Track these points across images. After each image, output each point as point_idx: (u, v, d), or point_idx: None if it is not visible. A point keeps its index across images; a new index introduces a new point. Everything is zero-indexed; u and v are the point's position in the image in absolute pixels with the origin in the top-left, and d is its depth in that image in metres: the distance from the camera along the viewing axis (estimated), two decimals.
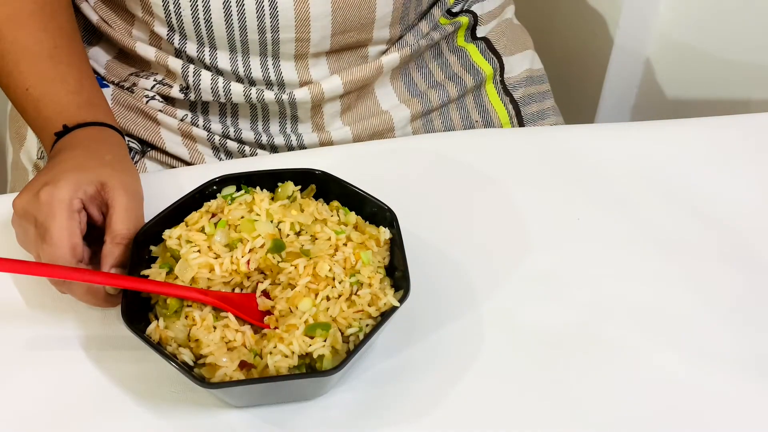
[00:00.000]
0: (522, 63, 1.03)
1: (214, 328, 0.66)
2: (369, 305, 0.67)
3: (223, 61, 0.89)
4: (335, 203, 0.74)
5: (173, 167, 0.94)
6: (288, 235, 0.70)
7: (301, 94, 0.90)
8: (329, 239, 0.70)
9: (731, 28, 1.19)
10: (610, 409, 0.68)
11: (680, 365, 0.71)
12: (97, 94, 0.83)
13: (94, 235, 0.72)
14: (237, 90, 0.90)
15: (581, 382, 0.70)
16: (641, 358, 0.71)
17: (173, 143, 0.93)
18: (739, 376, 0.70)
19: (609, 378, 0.70)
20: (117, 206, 0.71)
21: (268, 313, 0.67)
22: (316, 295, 0.66)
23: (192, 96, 0.91)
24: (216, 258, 0.68)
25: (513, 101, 1.01)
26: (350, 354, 0.64)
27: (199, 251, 0.69)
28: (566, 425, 0.67)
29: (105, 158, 0.75)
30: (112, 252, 0.70)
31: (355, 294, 0.67)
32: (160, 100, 0.93)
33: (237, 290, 0.69)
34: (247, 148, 0.94)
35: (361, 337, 0.65)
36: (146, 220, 0.72)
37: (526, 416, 0.67)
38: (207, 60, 0.89)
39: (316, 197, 0.75)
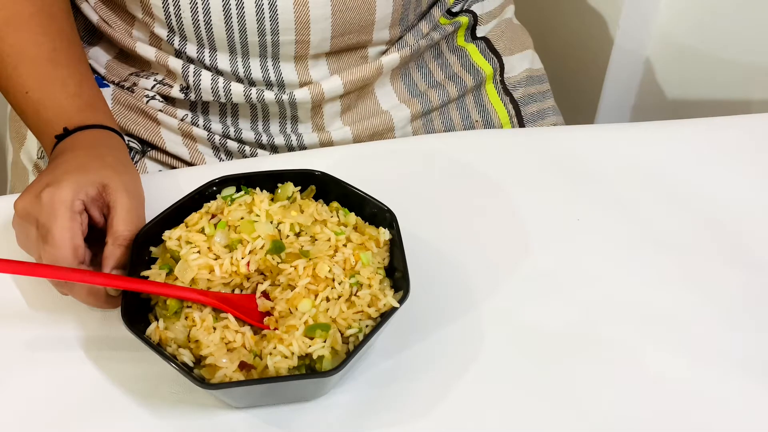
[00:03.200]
0: (522, 63, 1.03)
1: (214, 329, 0.66)
2: (369, 306, 0.67)
3: (223, 62, 0.89)
4: (335, 204, 0.74)
5: (173, 167, 0.94)
6: (288, 236, 0.70)
7: (301, 95, 0.90)
8: (329, 240, 0.70)
9: (731, 28, 1.19)
10: (610, 409, 0.68)
11: (680, 365, 0.71)
12: (97, 96, 0.83)
13: (95, 236, 0.72)
14: (237, 90, 0.90)
15: (581, 382, 0.70)
16: (641, 358, 0.71)
17: (173, 143, 0.93)
18: (739, 376, 0.70)
19: (609, 378, 0.70)
20: (119, 208, 0.71)
21: (268, 314, 0.67)
22: (316, 296, 0.66)
23: (192, 96, 0.91)
24: (216, 259, 0.68)
25: (513, 101, 1.01)
26: (350, 355, 0.64)
27: (198, 252, 0.69)
28: (566, 425, 0.67)
29: (106, 160, 0.75)
30: (113, 253, 0.70)
31: (355, 295, 0.67)
32: (161, 100, 0.93)
33: (237, 291, 0.69)
34: (247, 148, 0.94)
35: (361, 337, 0.65)
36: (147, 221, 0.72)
37: (526, 416, 0.67)
38: (207, 61, 0.89)
39: (315, 198, 0.75)
